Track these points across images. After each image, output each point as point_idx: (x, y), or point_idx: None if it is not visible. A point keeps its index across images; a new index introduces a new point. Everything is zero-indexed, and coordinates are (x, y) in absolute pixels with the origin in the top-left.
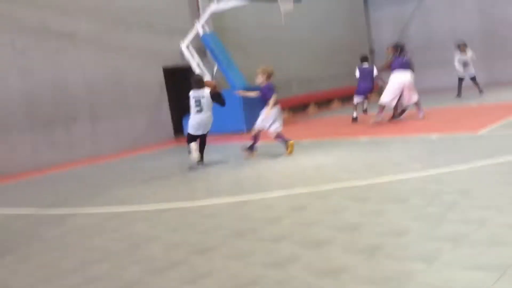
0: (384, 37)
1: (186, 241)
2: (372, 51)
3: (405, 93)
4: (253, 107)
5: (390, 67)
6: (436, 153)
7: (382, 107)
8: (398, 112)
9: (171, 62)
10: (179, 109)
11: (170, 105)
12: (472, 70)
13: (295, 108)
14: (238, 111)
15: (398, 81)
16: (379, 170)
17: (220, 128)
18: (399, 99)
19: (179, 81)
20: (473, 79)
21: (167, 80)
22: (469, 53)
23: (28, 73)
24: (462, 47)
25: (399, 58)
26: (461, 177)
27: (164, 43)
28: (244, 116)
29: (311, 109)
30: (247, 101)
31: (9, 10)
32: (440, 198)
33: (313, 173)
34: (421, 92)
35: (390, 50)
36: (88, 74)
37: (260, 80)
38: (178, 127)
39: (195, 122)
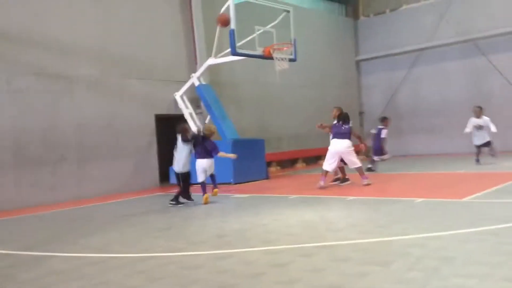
0: (374, 101)
1: None
2: (361, 113)
3: (346, 160)
4: (242, 160)
5: (331, 131)
6: (420, 217)
7: (325, 173)
8: (343, 177)
9: (165, 110)
10: (168, 157)
11: (159, 152)
12: (485, 136)
13: (284, 163)
14: (227, 163)
15: (334, 148)
16: (364, 230)
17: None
18: (343, 165)
19: (170, 129)
20: (487, 144)
21: (159, 128)
22: (484, 118)
23: (21, 112)
24: (477, 111)
25: (339, 126)
26: (445, 243)
27: (160, 91)
28: (233, 169)
29: (299, 164)
30: (237, 153)
31: (7, 49)
32: (423, 263)
33: (297, 230)
34: (407, 157)
35: (335, 112)
36: (81, 116)
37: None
38: (165, 175)
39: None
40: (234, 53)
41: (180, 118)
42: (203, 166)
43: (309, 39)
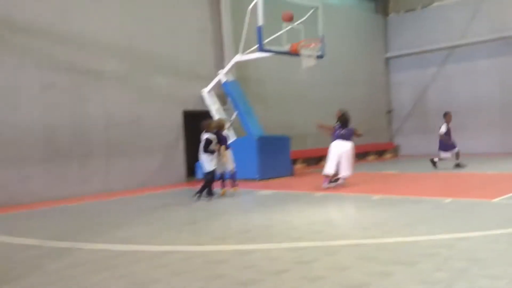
0: (403, 98)
1: (186, 286)
2: (390, 111)
3: (341, 162)
4: (268, 157)
5: (333, 134)
6: (448, 218)
7: (327, 176)
8: (335, 177)
9: (192, 106)
10: (195, 152)
11: (186, 147)
12: None
13: (309, 160)
14: (253, 159)
15: (336, 149)
16: (389, 229)
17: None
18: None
19: (197, 124)
20: None
21: (186, 123)
22: None
23: (52, 107)
24: None
25: (339, 129)
26: (473, 244)
27: (187, 87)
28: (258, 165)
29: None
30: (262, 150)
31: (37, 45)
32: (450, 264)
33: (321, 227)
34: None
35: (338, 113)
36: (109, 111)
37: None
38: (191, 170)
39: None
40: (261, 49)
41: (207, 114)
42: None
43: (337, 36)
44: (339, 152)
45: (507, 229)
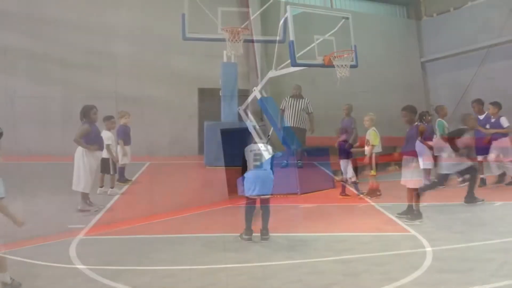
0: (443, 101)
1: None
2: (431, 115)
3: None
4: (307, 170)
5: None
6: (501, 221)
7: None
8: None
9: (228, 124)
10: (234, 170)
11: (226, 165)
12: None
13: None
14: (293, 173)
15: None
16: (440, 237)
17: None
18: None
19: (236, 142)
20: None
21: (224, 141)
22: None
23: None
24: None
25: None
26: None
27: (224, 106)
28: (298, 179)
29: (367, 171)
30: (302, 163)
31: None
32: (507, 269)
33: (369, 238)
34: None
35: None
36: (149, 135)
37: None
38: (233, 187)
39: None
40: (294, 64)
41: (244, 131)
42: None
43: (370, 44)
44: None
45: None
